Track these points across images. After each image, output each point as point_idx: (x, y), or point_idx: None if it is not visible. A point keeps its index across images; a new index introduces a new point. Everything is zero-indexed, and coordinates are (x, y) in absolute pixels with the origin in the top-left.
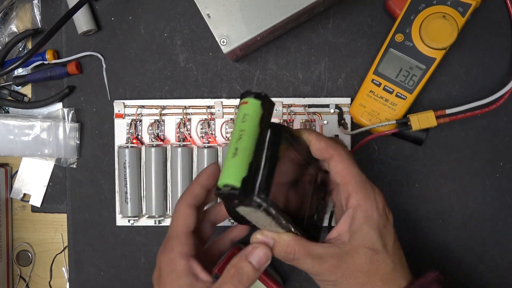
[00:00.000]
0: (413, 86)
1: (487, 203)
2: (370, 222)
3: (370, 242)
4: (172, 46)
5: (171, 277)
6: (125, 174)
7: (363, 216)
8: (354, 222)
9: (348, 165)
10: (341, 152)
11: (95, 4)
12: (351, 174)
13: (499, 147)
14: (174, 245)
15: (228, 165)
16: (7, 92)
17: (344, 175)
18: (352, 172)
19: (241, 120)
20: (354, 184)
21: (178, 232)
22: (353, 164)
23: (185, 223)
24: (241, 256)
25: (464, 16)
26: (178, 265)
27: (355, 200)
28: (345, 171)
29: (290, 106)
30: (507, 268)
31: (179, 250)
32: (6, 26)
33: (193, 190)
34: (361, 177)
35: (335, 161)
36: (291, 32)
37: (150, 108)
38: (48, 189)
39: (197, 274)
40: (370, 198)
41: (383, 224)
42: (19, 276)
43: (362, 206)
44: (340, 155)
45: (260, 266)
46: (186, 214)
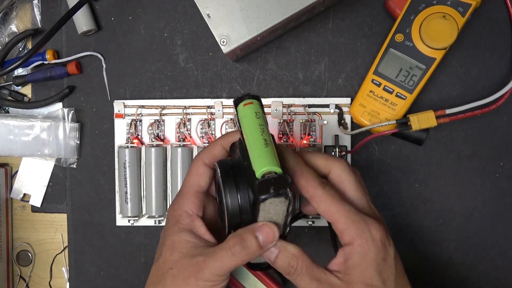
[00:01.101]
0: (413, 86)
1: (487, 203)
2: (367, 257)
3: (368, 279)
4: (172, 46)
5: (172, 230)
6: (125, 174)
7: (358, 252)
8: (350, 258)
9: (331, 203)
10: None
11: (95, 4)
12: (338, 211)
13: (499, 147)
14: (182, 203)
15: (263, 153)
16: (7, 92)
17: (330, 214)
18: (338, 209)
19: (256, 117)
20: (344, 220)
21: (189, 191)
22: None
23: (197, 182)
24: (249, 229)
25: (464, 16)
26: (183, 222)
27: (348, 236)
28: (330, 209)
29: (290, 106)
30: (507, 268)
31: (186, 209)
32: (6, 26)
33: (213, 149)
34: (349, 211)
35: (316, 202)
36: (291, 32)
37: (150, 108)
38: (48, 189)
39: (201, 235)
40: (364, 232)
41: (381, 258)
42: (19, 276)
43: (356, 242)
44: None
45: (265, 244)
46: (200, 173)
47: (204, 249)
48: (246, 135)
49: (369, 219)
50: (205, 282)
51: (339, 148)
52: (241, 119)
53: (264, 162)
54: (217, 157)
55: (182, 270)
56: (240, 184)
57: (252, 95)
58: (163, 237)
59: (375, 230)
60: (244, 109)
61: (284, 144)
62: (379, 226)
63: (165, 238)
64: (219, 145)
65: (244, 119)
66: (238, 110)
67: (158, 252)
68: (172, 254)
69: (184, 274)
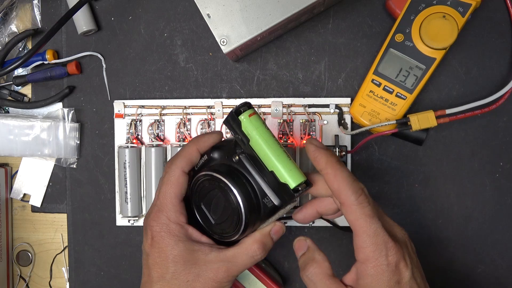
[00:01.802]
0: (413, 86)
1: (487, 203)
2: (379, 280)
3: None
4: (172, 46)
5: (168, 242)
6: (125, 174)
7: (371, 273)
8: (362, 278)
9: (358, 216)
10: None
11: (95, 4)
12: (361, 226)
13: (499, 147)
14: (170, 214)
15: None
16: (7, 92)
17: (354, 226)
18: (361, 224)
19: (266, 128)
20: (365, 239)
21: (170, 200)
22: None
23: (180, 191)
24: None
25: (464, 16)
26: (175, 231)
27: (363, 255)
28: (356, 222)
29: (290, 106)
30: (507, 268)
31: (177, 220)
32: (6, 26)
33: (189, 154)
34: (373, 230)
35: (346, 210)
36: (291, 32)
37: (150, 108)
38: (48, 189)
39: (199, 239)
40: (380, 254)
41: (395, 281)
42: (19, 276)
43: (371, 262)
44: (352, 205)
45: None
46: (180, 182)
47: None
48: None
49: (390, 241)
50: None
51: (339, 148)
52: (251, 131)
53: (297, 176)
54: (194, 163)
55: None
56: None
57: (249, 104)
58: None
59: (392, 252)
60: (251, 120)
61: (284, 144)
62: (397, 250)
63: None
64: (196, 149)
65: (256, 131)
66: (244, 121)
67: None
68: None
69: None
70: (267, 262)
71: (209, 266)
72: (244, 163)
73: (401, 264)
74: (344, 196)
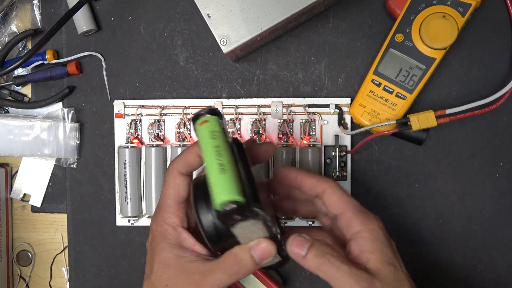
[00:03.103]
0: (413, 86)
1: (487, 203)
2: (379, 240)
3: (388, 258)
4: (172, 46)
5: (162, 246)
6: (125, 174)
7: (371, 237)
8: (365, 245)
9: (341, 195)
10: (332, 184)
11: (95, 4)
12: (347, 202)
13: (499, 147)
14: (165, 216)
15: (220, 181)
16: (7, 92)
17: (339, 204)
18: (347, 200)
19: (211, 137)
20: (352, 210)
21: (169, 204)
22: (346, 194)
23: (176, 193)
24: (244, 248)
25: (464, 16)
26: (170, 237)
27: (358, 224)
28: (340, 200)
29: (290, 106)
30: (507, 268)
31: (170, 223)
32: (6, 26)
33: (188, 156)
34: (357, 204)
35: (328, 193)
36: (291, 32)
37: (150, 108)
38: (48, 189)
39: (191, 247)
40: (371, 220)
41: (390, 245)
42: (19, 276)
43: (367, 228)
44: (331, 187)
45: (260, 261)
46: (178, 183)
47: (200, 265)
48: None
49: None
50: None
51: (339, 148)
52: (198, 139)
53: (221, 192)
54: (192, 165)
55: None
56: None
57: (211, 110)
58: (151, 252)
59: (377, 220)
60: (200, 128)
61: (284, 144)
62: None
63: (155, 253)
64: (194, 152)
65: (200, 140)
66: (195, 129)
67: (149, 267)
68: (166, 271)
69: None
70: None
71: (188, 275)
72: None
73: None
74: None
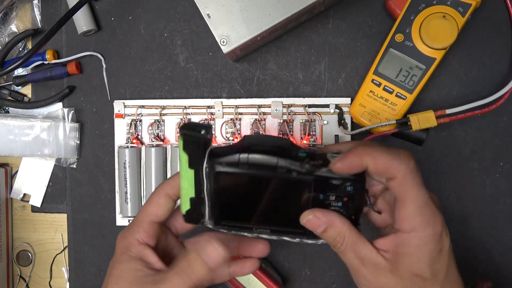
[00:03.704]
0: (413, 86)
1: (487, 203)
2: (423, 249)
3: (418, 269)
4: (172, 46)
5: (121, 259)
6: (125, 174)
7: (416, 243)
8: (404, 246)
9: (410, 186)
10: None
11: (95, 4)
12: (412, 197)
13: (499, 147)
14: (134, 231)
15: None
16: (7, 92)
17: (404, 197)
18: (413, 194)
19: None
20: (414, 208)
21: (143, 220)
22: (416, 184)
23: (155, 212)
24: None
25: (464, 16)
26: (133, 250)
27: (409, 225)
28: (407, 193)
29: (290, 106)
30: (507, 268)
31: (137, 237)
32: (6, 26)
33: (176, 181)
34: (423, 200)
35: (396, 183)
36: (291, 32)
37: (150, 108)
38: (48, 189)
39: (152, 263)
40: (428, 225)
41: (437, 251)
42: (19, 276)
43: (417, 233)
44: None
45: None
46: (160, 203)
47: (155, 277)
48: None
49: (437, 211)
50: None
51: None
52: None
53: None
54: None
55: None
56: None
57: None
58: (110, 267)
59: (438, 222)
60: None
61: None
62: (442, 220)
63: (113, 267)
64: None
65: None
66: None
67: (104, 283)
68: (118, 283)
69: None
70: (267, 262)
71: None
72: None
73: (443, 233)
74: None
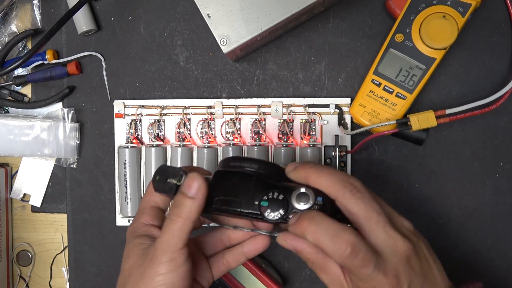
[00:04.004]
0: (413, 86)
1: (487, 203)
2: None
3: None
4: (172, 46)
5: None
6: (125, 174)
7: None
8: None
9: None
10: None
11: (95, 4)
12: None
13: (499, 147)
14: (139, 217)
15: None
16: (7, 92)
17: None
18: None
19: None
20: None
21: (144, 206)
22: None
23: (152, 198)
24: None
25: (464, 16)
26: (138, 231)
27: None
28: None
29: (290, 106)
30: (507, 268)
31: (142, 220)
32: (6, 26)
33: None
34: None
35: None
36: (291, 32)
37: (150, 108)
38: (48, 189)
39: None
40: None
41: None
42: (19, 276)
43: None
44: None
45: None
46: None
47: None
48: None
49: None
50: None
51: (339, 148)
52: None
53: None
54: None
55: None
56: None
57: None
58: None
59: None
60: None
61: (284, 144)
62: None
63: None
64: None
65: None
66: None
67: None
68: (128, 260)
69: (140, 271)
70: (267, 262)
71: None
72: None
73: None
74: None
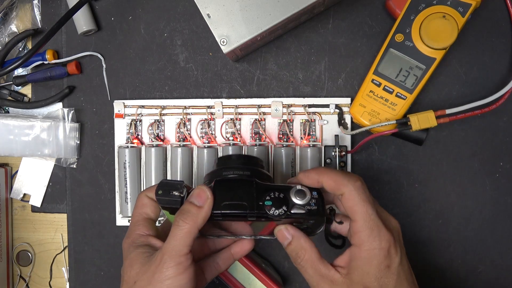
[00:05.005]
0: (413, 86)
1: (487, 203)
2: (370, 263)
3: (367, 282)
4: (172, 46)
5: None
6: (125, 174)
7: (364, 257)
8: (355, 260)
9: (357, 202)
10: (351, 189)
11: (95, 4)
12: (359, 212)
13: (499, 147)
14: (134, 229)
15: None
16: (7, 92)
17: (352, 212)
18: (360, 209)
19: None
20: (361, 223)
21: (138, 219)
22: (362, 201)
23: (144, 211)
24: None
25: (464, 16)
26: (137, 242)
27: (359, 239)
28: (354, 208)
29: (290, 106)
30: (507, 268)
31: (138, 232)
32: (6, 26)
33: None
34: (368, 215)
35: (345, 199)
36: (291, 32)
37: (150, 108)
38: (48, 189)
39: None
40: (374, 239)
41: (385, 265)
42: (19, 276)
43: (364, 246)
44: (350, 192)
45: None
46: (145, 203)
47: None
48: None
49: (383, 229)
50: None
51: (339, 148)
52: None
53: None
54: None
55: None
56: None
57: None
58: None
59: (384, 240)
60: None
61: (284, 144)
62: (389, 236)
63: (124, 261)
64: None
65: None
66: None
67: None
68: (132, 269)
69: (148, 276)
70: (267, 262)
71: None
72: None
73: (392, 250)
74: (344, 186)
